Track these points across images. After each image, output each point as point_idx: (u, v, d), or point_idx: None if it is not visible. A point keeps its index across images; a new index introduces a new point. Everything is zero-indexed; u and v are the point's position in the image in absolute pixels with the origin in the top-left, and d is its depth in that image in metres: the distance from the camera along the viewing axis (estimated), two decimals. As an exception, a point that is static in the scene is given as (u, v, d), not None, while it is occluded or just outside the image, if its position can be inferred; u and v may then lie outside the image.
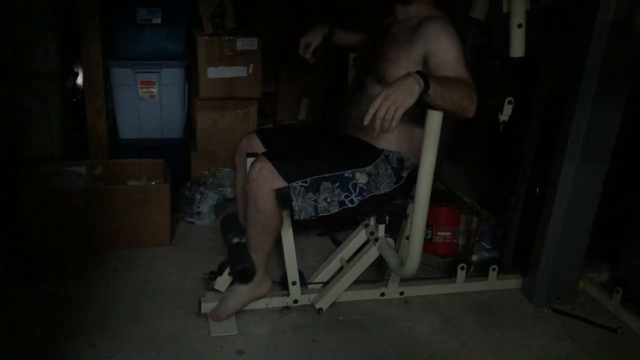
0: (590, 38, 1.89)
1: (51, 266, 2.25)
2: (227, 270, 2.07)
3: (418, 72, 1.60)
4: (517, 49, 1.81)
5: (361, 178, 1.90)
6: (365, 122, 1.58)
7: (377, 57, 1.95)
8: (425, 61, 1.82)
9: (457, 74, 1.72)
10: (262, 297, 2.05)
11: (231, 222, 2.21)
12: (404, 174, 1.96)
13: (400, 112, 1.55)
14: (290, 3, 3.02)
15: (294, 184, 1.83)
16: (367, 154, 1.95)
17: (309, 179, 1.84)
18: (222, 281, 2.09)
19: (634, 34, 1.89)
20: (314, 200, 1.84)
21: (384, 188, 1.94)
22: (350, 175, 1.89)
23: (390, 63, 1.89)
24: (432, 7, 1.93)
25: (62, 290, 2.12)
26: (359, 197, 1.89)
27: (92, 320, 1.97)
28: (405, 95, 1.55)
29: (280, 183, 1.83)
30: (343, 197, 1.88)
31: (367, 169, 1.91)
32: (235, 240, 2.09)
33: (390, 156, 1.95)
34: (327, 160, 1.90)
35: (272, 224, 1.90)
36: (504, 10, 1.81)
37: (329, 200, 1.86)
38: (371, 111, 1.56)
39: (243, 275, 1.96)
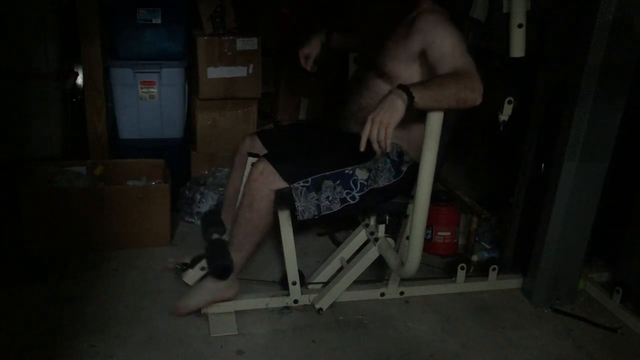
0: (590, 38, 1.89)
1: (51, 266, 2.25)
2: (200, 264, 2.05)
3: (399, 86, 1.62)
4: (517, 49, 1.81)
5: (361, 174, 1.90)
6: (362, 149, 1.63)
7: (377, 53, 1.96)
8: (423, 55, 1.82)
9: (455, 65, 1.71)
10: (228, 300, 2.02)
11: (212, 218, 2.19)
12: (404, 168, 1.97)
13: (390, 130, 1.59)
14: (290, 3, 3.02)
15: (295, 184, 1.83)
16: (366, 149, 1.95)
17: (310, 179, 1.84)
18: (192, 275, 2.07)
19: (634, 34, 1.89)
20: (317, 200, 1.85)
21: (383, 182, 1.94)
22: (351, 172, 1.89)
23: (389, 58, 1.91)
24: (431, 3, 1.93)
25: (62, 290, 2.12)
26: (360, 193, 1.90)
27: (92, 320, 1.97)
28: (389, 114, 1.59)
29: (281, 184, 1.83)
30: (344, 194, 1.88)
31: (367, 164, 1.92)
32: (216, 236, 2.06)
33: (390, 149, 1.96)
34: (327, 159, 1.91)
35: (262, 225, 1.90)
36: (504, 10, 1.81)
37: (330, 198, 1.86)
38: (364, 138, 1.62)
39: (221, 271, 1.93)
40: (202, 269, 2.09)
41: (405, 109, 1.60)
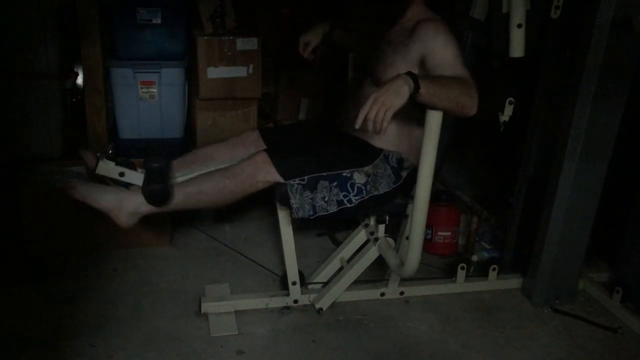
0: (590, 38, 1.89)
1: (51, 266, 2.25)
2: (121, 169, 1.89)
3: (408, 73, 1.60)
4: (517, 49, 1.81)
5: (359, 178, 1.90)
6: (357, 126, 1.59)
7: (374, 60, 1.95)
8: (422, 63, 1.82)
9: (454, 72, 1.72)
10: (113, 222, 1.86)
11: (160, 162, 1.95)
12: (403, 174, 1.97)
13: (390, 114, 1.56)
14: (290, 2, 3.02)
15: (291, 181, 1.83)
16: (366, 154, 1.95)
17: (306, 177, 1.84)
18: (106, 169, 1.88)
19: (634, 34, 1.89)
20: (311, 199, 1.84)
21: (383, 188, 1.94)
22: (349, 175, 1.89)
23: (386, 66, 1.89)
24: (427, 10, 1.92)
25: (62, 290, 2.12)
26: (357, 197, 1.89)
27: (92, 320, 1.97)
28: (394, 97, 1.56)
29: (277, 178, 1.84)
30: (341, 196, 1.88)
31: (366, 169, 1.91)
32: (156, 165, 1.86)
33: (390, 156, 1.96)
34: (325, 159, 1.90)
35: (225, 196, 1.85)
36: (504, 10, 1.81)
37: (326, 199, 1.86)
38: (361, 115, 1.58)
39: (159, 196, 1.81)
40: (121, 174, 1.90)
41: (409, 97, 1.58)
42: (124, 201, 1.84)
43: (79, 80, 2.88)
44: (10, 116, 2.63)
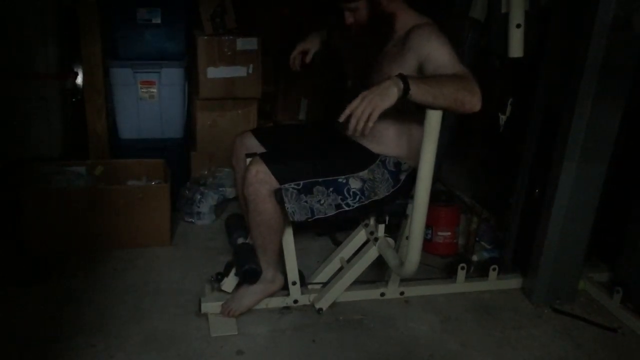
0: (590, 38, 1.88)
1: (51, 266, 2.25)
2: (234, 270, 2.07)
3: (399, 75, 1.61)
4: (516, 49, 1.81)
5: (354, 184, 1.89)
6: (341, 120, 1.60)
7: (370, 71, 1.93)
8: (420, 69, 1.81)
9: (453, 71, 1.71)
10: (274, 292, 2.07)
11: (235, 222, 2.22)
12: (402, 177, 1.96)
13: (376, 113, 1.57)
14: (290, 2, 3.02)
15: (286, 185, 1.83)
16: (362, 159, 1.94)
17: (301, 182, 1.84)
18: (229, 282, 2.09)
19: (634, 34, 1.89)
20: (306, 202, 1.84)
21: (383, 192, 1.93)
22: (344, 181, 1.88)
23: (383, 76, 1.87)
24: (415, 15, 1.90)
25: (62, 290, 2.12)
26: (355, 201, 1.89)
27: (92, 320, 1.97)
28: (382, 97, 1.57)
29: (274, 185, 1.83)
30: (339, 200, 1.87)
31: (361, 174, 1.91)
32: (240, 240, 2.09)
33: (387, 161, 1.95)
34: (321, 164, 1.89)
35: (275, 223, 1.90)
36: (503, 10, 1.81)
37: (322, 202, 1.86)
38: (347, 111, 1.59)
39: (248, 276, 1.98)
40: (236, 274, 2.10)
41: (398, 98, 1.58)
42: (260, 285, 2.03)
43: (79, 80, 2.88)
44: (10, 116, 2.64)
